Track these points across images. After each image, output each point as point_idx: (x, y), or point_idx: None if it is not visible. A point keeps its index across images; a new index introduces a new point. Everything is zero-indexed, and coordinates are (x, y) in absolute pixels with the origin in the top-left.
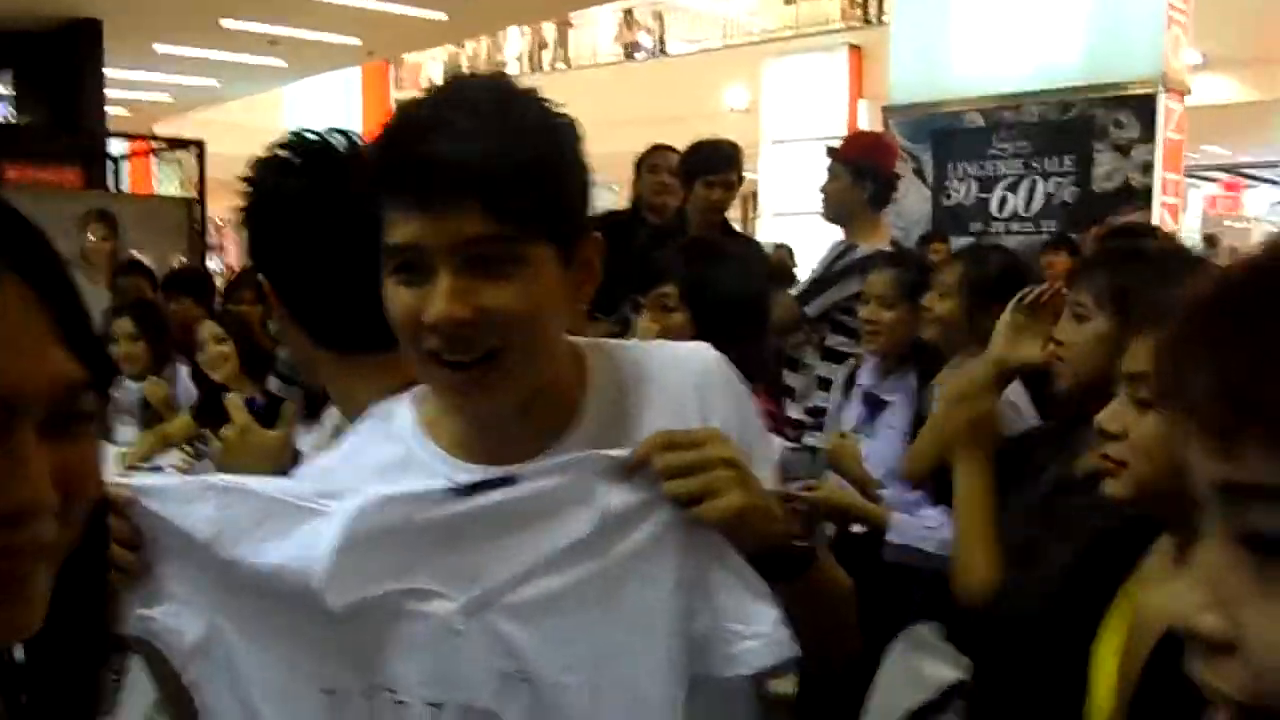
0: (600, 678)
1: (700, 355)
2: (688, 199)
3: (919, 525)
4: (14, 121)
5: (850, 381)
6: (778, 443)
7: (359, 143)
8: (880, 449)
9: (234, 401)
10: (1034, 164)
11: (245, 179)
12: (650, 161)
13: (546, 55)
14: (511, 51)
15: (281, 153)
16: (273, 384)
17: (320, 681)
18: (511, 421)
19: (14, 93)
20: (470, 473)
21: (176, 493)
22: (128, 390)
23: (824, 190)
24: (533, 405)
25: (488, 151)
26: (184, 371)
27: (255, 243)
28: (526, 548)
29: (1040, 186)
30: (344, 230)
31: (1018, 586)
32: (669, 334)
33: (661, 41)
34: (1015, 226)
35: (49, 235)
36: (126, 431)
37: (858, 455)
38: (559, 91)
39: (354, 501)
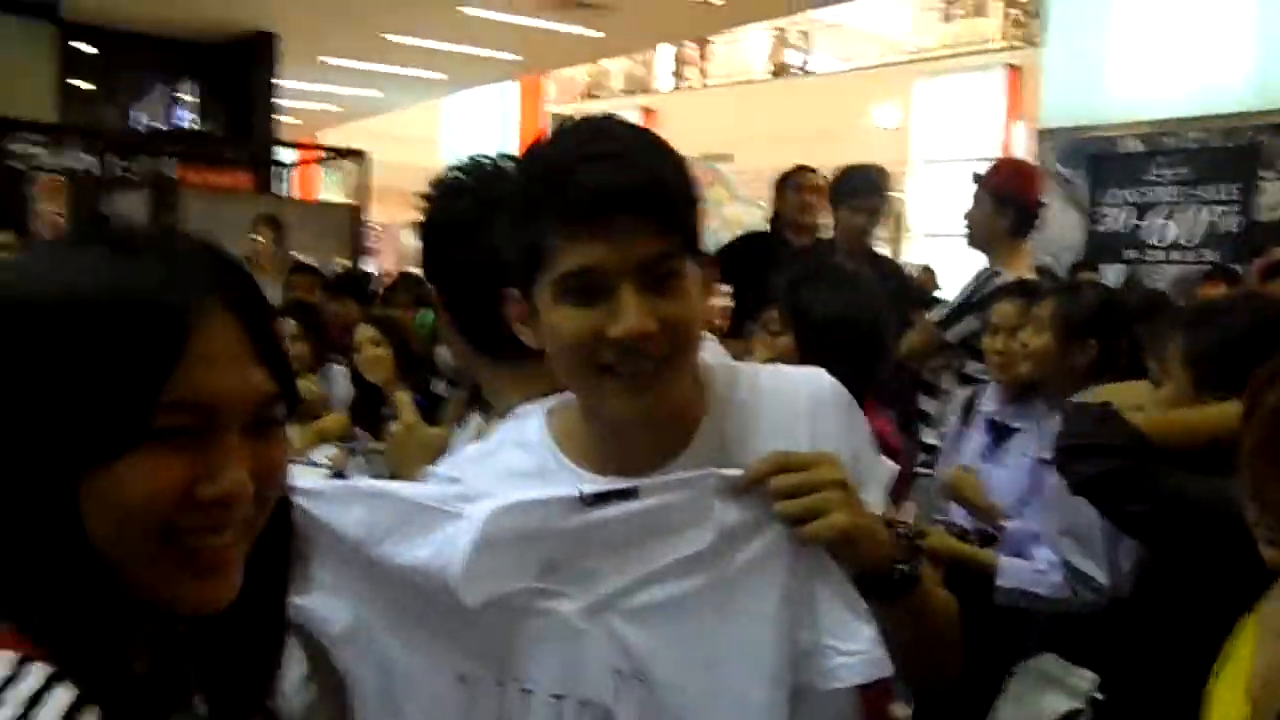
0: (708, 682)
1: (814, 380)
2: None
3: (1029, 569)
4: (195, 128)
5: (969, 408)
6: (890, 465)
7: None
8: (1009, 477)
9: (404, 400)
10: (1194, 191)
11: (423, 196)
12: (795, 181)
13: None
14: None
15: (457, 175)
16: (439, 385)
17: (455, 669)
18: (639, 436)
19: (196, 100)
20: (596, 483)
21: (329, 495)
22: None
23: (967, 217)
24: (660, 420)
25: (648, 176)
26: (340, 371)
27: (427, 256)
28: (645, 556)
29: (1201, 215)
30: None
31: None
32: (776, 357)
33: (804, 62)
34: (1173, 255)
35: (223, 237)
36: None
37: (978, 487)
38: (709, 107)
39: (488, 505)
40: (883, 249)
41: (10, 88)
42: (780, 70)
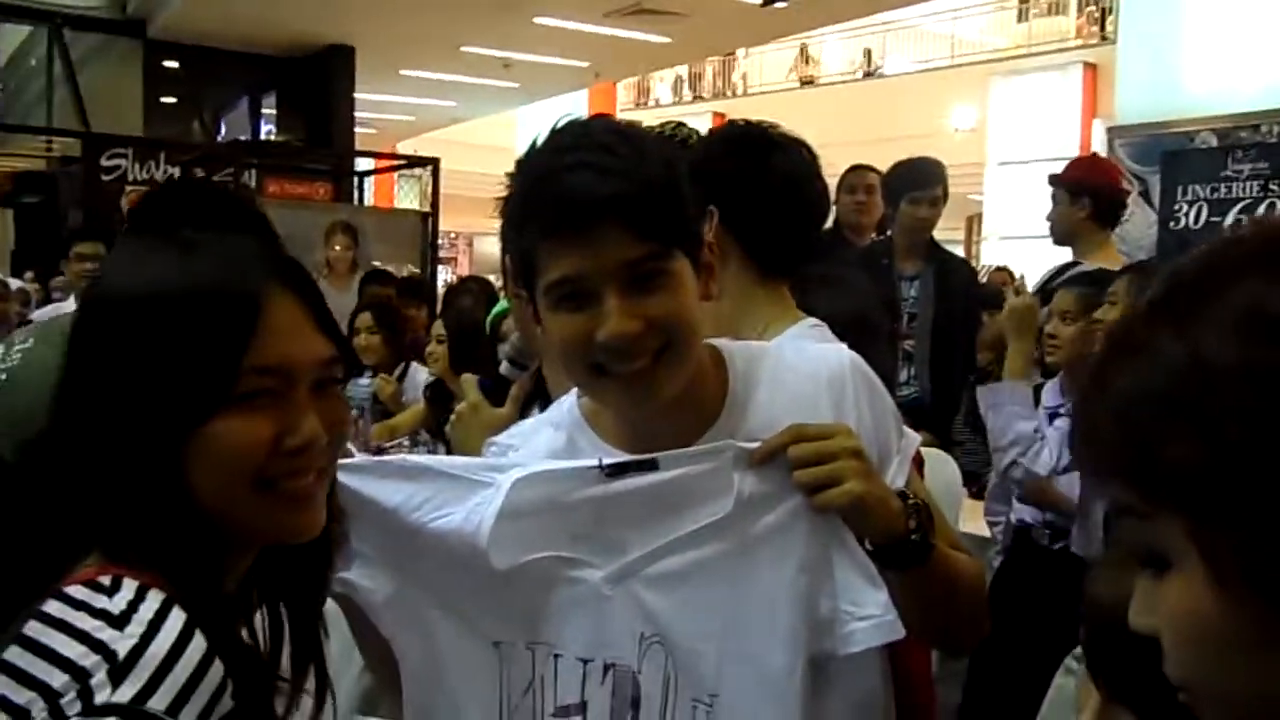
0: (727, 645)
1: (834, 355)
2: (887, 218)
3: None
4: (276, 139)
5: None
6: (913, 436)
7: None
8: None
9: (468, 380)
10: (1274, 186)
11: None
12: (848, 182)
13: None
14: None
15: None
16: (504, 368)
17: (490, 635)
18: (663, 417)
19: (276, 113)
20: (617, 455)
21: (369, 469)
22: (358, 387)
23: (1049, 218)
24: (682, 401)
25: (625, 183)
26: (420, 372)
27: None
28: (667, 525)
29: (1278, 210)
30: None
31: None
32: None
33: (869, 63)
34: None
35: (302, 244)
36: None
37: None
38: (780, 113)
39: (514, 474)
40: (956, 249)
41: (101, 104)
42: (808, 81)
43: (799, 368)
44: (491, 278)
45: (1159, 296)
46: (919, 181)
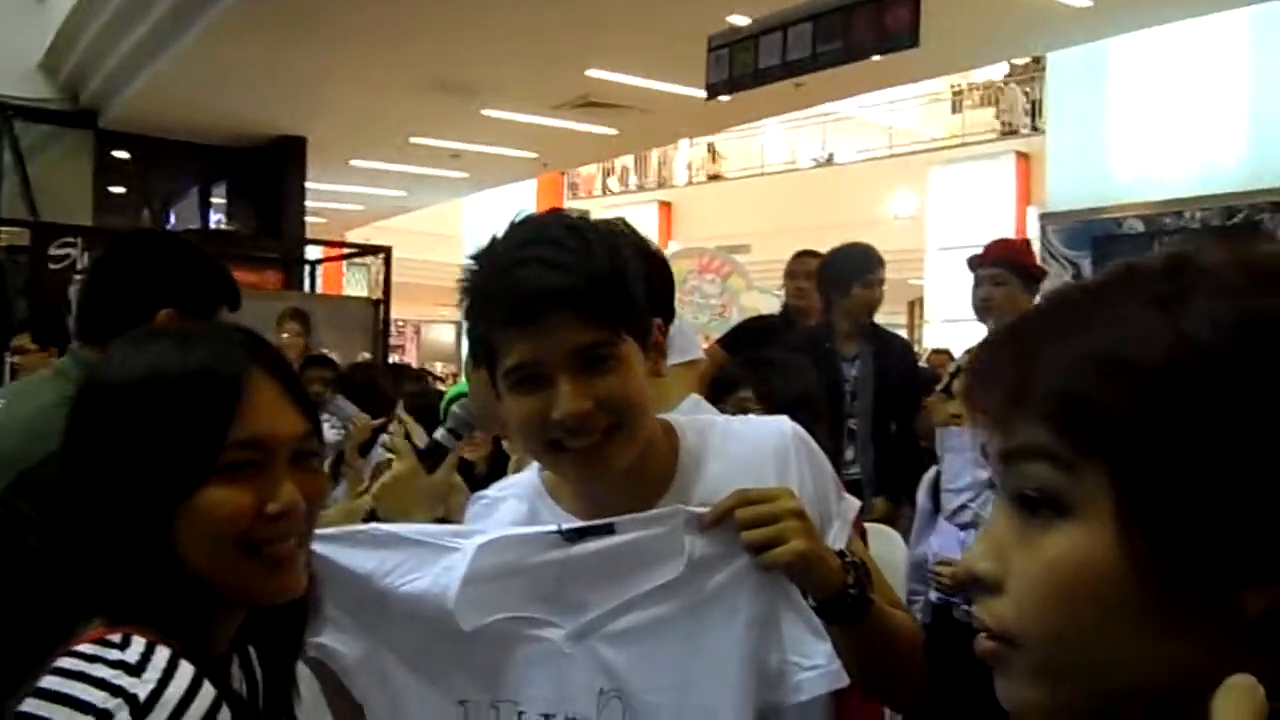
0: (682, 698)
1: (778, 426)
2: (828, 304)
3: None
4: (226, 228)
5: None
6: (853, 502)
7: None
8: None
9: (402, 444)
10: None
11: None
12: (789, 268)
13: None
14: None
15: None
16: (440, 434)
17: (456, 694)
18: (618, 486)
19: (225, 202)
20: (574, 521)
21: (342, 539)
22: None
23: (989, 300)
24: (635, 471)
25: (575, 276)
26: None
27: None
28: (623, 586)
29: None
30: None
31: None
32: None
33: (828, 155)
34: None
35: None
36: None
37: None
38: (726, 200)
39: (478, 540)
40: (900, 333)
41: (50, 194)
42: (714, 177)
43: (745, 437)
44: (438, 365)
45: (1115, 282)
46: (868, 266)
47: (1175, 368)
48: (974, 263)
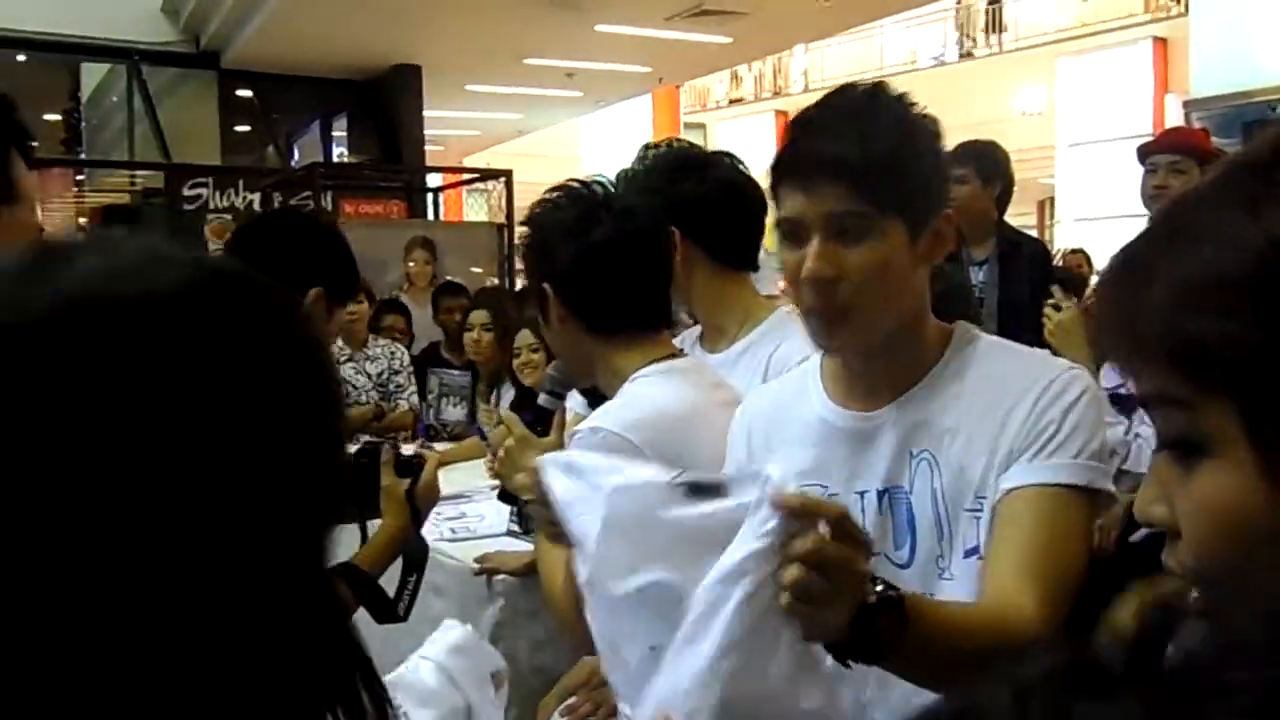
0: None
1: (1062, 374)
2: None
3: None
4: (348, 160)
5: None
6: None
7: (610, 187)
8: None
9: (510, 417)
10: None
11: (525, 221)
12: None
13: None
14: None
15: (553, 195)
16: (542, 399)
17: (650, 639)
18: (866, 367)
19: (347, 135)
20: (834, 413)
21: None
22: (454, 377)
23: (1164, 189)
24: (885, 357)
25: (848, 148)
26: (509, 392)
27: (541, 259)
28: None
29: None
30: (604, 245)
31: None
32: None
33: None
34: None
35: (381, 262)
36: (454, 412)
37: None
38: None
39: (614, 481)
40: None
41: (180, 136)
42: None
43: (1017, 368)
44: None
45: (1221, 181)
46: (948, 163)
47: (1271, 276)
48: (1146, 150)
